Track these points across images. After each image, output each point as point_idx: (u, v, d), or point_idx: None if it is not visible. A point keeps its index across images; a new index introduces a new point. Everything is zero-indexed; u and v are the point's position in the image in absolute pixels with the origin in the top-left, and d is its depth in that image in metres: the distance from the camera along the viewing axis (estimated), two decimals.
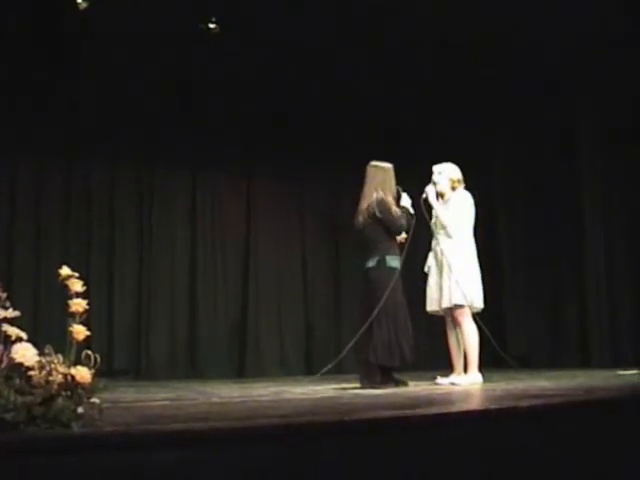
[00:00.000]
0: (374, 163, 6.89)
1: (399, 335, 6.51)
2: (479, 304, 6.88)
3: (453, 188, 7.05)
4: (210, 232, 10.49)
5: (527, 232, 11.22)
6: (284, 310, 10.70)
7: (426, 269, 7.15)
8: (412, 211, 6.86)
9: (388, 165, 6.89)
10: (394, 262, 6.66)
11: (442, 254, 6.89)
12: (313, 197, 11.05)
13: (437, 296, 6.91)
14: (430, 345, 9.94)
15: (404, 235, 6.83)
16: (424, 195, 7.01)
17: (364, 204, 6.75)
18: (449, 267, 6.80)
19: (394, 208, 6.69)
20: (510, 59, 9.59)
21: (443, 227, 6.93)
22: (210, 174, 10.50)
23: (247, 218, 10.72)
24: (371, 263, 6.68)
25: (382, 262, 6.63)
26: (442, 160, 7.24)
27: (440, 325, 7.18)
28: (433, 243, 7.10)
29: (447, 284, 6.80)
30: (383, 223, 6.65)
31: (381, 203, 6.65)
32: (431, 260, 7.09)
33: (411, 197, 6.94)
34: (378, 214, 6.63)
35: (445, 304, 6.81)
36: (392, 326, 6.50)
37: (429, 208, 7.06)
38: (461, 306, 6.76)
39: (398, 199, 6.85)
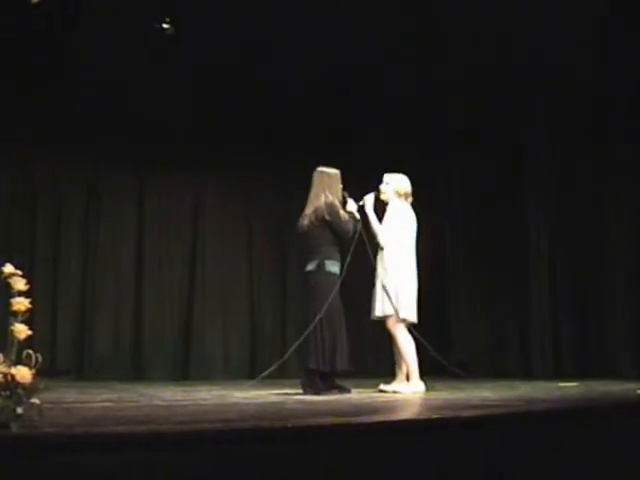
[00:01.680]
0: (321, 169, 6.93)
1: (336, 341, 6.50)
2: (411, 318, 6.83)
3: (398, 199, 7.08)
4: (157, 232, 10.41)
5: (471, 241, 11.30)
6: (230, 312, 10.64)
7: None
8: (357, 216, 6.89)
9: (335, 171, 6.94)
10: (334, 267, 6.68)
11: (376, 264, 6.93)
12: (261, 198, 11.01)
13: (373, 305, 6.94)
14: (374, 352, 9.99)
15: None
16: (361, 202, 7.04)
17: (310, 208, 6.79)
18: (380, 278, 6.86)
19: (342, 212, 6.75)
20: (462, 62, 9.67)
21: (375, 237, 6.95)
22: (157, 175, 10.42)
23: (194, 219, 10.65)
24: (310, 267, 6.72)
25: (321, 266, 6.66)
26: (392, 167, 7.29)
27: (385, 332, 7.13)
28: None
29: (380, 294, 6.84)
30: (330, 227, 6.68)
31: (330, 206, 6.70)
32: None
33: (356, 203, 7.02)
34: (327, 217, 6.67)
35: (378, 313, 6.84)
36: (330, 332, 6.49)
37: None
38: (392, 317, 6.77)
39: (344, 204, 6.90)
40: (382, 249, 6.89)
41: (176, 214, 10.59)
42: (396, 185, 7.08)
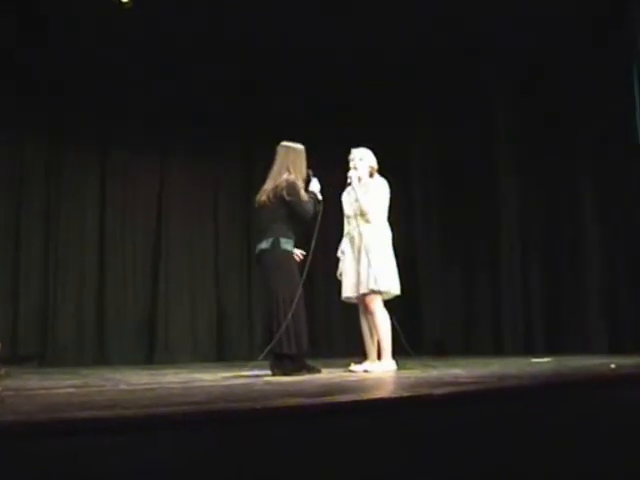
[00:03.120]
0: (286, 143, 6.70)
1: (300, 321, 6.38)
2: (396, 290, 6.84)
3: (371, 174, 7.01)
4: (120, 214, 10.29)
5: (442, 219, 11.30)
6: (196, 295, 10.55)
7: (339, 254, 7.06)
8: (320, 197, 6.70)
9: (300, 146, 6.70)
10: (288, 245, 6.49)
11: (360, 239, 6.81)
12: (226, 179, 10.91)
13: (354, 281, 6.83)
14: (344, 332, 9.93)
15: None
16: (349, 180, 6.98)
17: (270, 183, 6.57)
18: (366, 252, 6.74)
19: (303, 192, 6.51)
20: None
21: (363, 213, 6.85)
22: (120, 155, 10.27)
23: (158, 201, 10.53)
24: (264, 245, 6.49)
25: (276, 244, 6.45)
26: (361, 143, 7.21)
27: (354, 312, 7.10)
28: (348, 228, 7.02)
29: (365, 269, 6.72)
30: (289, 206, 6.46)
31: (291, 185, 6.47)
32: (346, 245, 7.00)
33: (321, 182, 6.82)
34: (286, 196, 6.43)
35: (362, 290, 6.73)
36: (294, 313, 6.32)
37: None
38: (376, 292, 6.70)
39: (307, 183, 6.69)
40: (369, 223, 6.81)
41: (140, 196, 10.45)
42: (370, 160, 7.02)
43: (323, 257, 7.18)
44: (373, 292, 6.71)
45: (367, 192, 6.93)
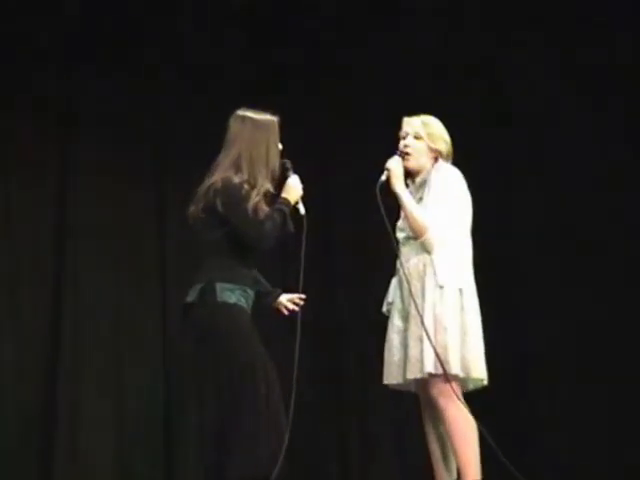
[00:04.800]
0: (243, 112, 3.82)
1: (261, 424, 3.49)
2: (480, 373, 3.95)
3: (435, 161, 4.14)
4: None
5: None
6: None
7: (385, 309, 4.23)
8: (302, 209, 3.84)
9: (268, 118, 3.83)
10: (231, 294, 3.64)
11: (421, 280, 3.97)
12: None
13: (400, 357, 4.02)
14: (392, 452, 6.44)
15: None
16: (384, 176, 4.04)
17: (207, 182, 3.74)
18: (422, 307, 3.90)
19: (255, 200, 3.64)
20: None
21: (416, 233, 3.98)
22: None
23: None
24: (191, 295, 3.70)
25: (208, 294, 3.62)
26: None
27: (411, 411, 4.39)
28: (398, 263, 4.13)
29: (417, 337, 3.90)
30: (229, 224, 3.69)
31: (228, 187, 3.64)
32: (394, 294, 4.16)
33: (303, 181, 3.90)
34: (219, 206, 3.63)
35: (413, 373, 3.91)
36: (251, 415, 3.49)
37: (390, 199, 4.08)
38: (442, 377, 3.86)
39: (282, 181, 3.86)
40: (429, 252, 3.99)
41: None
42: (435, 134, 4.12)
43: (332, 310, 4.36)
44: (432, 377, 3.90)
45: (425, 195, 4.07)
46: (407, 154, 4.03)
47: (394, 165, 4.01)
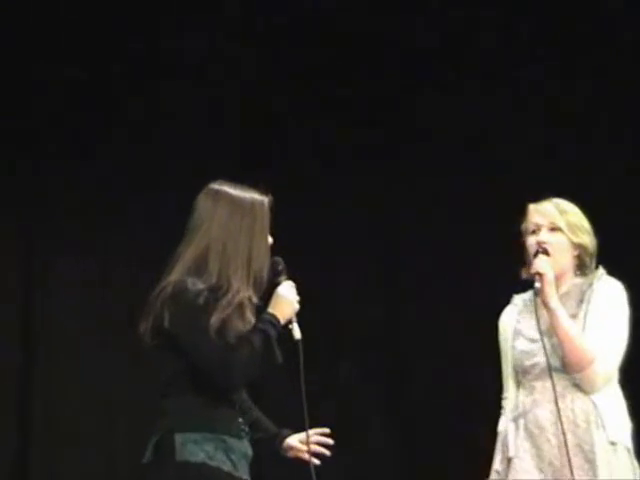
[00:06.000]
0: (217, 187, 2.57)
1: None
2: None
3: (580, 267, 3.10)
4: None
5: None
6: None
7: (496, 466, 3.09)
8: (299, 334, 2.54)
9: (254, 197, 2.55)
10: (198, 450, 2.37)
11: (576, 435, 2.89)
12: None
13: None
14: None
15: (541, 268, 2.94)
16: (537, 283, 2.95)
17: (158, 287, 2.51)
18: (595, 474, 2.87)
19: (221, 315, 2.38)
20: None
21: (575, 366, 2.93)
22: None
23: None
24: (147, 453, 2.44)
25: (165, 450, 2.38)
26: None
27: None
28: (516, 402, 3.07)
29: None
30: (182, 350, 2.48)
31: (178, 295, 2.40)
32: (522, 442, 2.98)
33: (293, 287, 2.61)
34: (167, 324, 2.39)
35: None
36: None
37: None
38: None
39: (271, 289, 2.56)
40: (589, 391, 2.92)
41: None
42: (577, 226, 3.06)
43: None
44: None
45: (590, 314, 3.01)
46: (547, 253, 2.98)
47: (547, 268, 2.93)
